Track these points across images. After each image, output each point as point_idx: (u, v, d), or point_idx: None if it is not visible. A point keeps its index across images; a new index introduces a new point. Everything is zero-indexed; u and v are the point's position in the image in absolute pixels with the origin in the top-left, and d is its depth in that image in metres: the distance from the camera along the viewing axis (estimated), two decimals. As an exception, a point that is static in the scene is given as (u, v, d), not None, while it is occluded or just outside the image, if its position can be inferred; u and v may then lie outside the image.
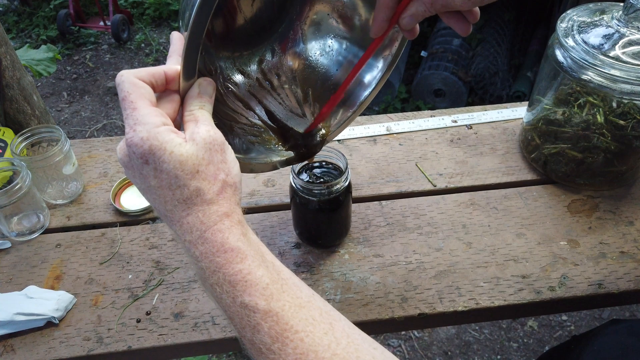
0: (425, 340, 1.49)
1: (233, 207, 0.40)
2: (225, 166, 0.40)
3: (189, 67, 0.41)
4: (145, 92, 0.40)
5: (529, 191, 0.77)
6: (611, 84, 0.66)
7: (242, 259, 0.38)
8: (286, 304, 0.37)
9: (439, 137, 0.87)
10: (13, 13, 3.18)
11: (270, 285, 0.37)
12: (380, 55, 0.60)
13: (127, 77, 0.40)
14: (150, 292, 0.66)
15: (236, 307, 0.37)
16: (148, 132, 0.38)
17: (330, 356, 0.35)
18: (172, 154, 0.38)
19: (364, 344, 0.37)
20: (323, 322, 0.37)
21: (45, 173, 0.74)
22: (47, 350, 0.61)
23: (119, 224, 0.75)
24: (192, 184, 0.38)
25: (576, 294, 0.64)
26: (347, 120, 0.62)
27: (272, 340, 0.36)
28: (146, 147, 0.37)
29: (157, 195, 0.39)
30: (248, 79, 0.57)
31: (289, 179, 0.74)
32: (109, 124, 2.44)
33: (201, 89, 0.43)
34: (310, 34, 0.60)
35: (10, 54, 0.99)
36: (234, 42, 0.54)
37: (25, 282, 0.68)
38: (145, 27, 3.10)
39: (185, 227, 0.39)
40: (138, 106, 0.39)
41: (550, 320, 1.54)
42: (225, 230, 0.38)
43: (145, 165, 0.38)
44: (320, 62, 0.62)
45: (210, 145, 0.39)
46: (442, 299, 0.64)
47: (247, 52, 0.56)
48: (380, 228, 0.73)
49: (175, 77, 0.42)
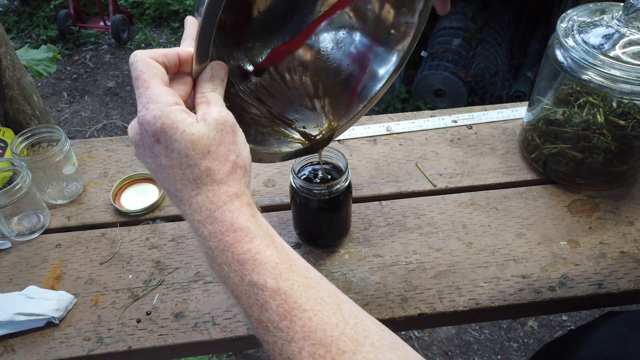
0: (425, 340, 1.49)
1: (243, 188, 0.40)
2: (236, 147, 0.40)
3: (202, 50, 0.41)
4: (158, 72, 0.40)
5: (529, 191, 0.77)
6: (611, 84, 0.66)
7: (251, 238, 0.38)
8: (295, 283, 0.37)
9: (439, 137, 0.87)
10: (13, 13, 3.18)
11: (279, 264, 0.37)
12: (393, 49, 0.60)
13: (141, 57, 0.40)
14: (150, 292, 0.66)
15: (244, 286, 0.37)
16: (160, 111, 0.38)
17: (338, 335, 0.35)
18: (183, 133, 0.38)
19: (371, 324, 0.37)
20: (331, 303, 0.37)
21: (45, 173, 0.74)
22: (47, 351, 0.61)
23: (119, 224, 0.75)
24: (203, 163, 0.38)
25: (576, 294, 0.64)
26: (357, 114, 0.62)
27: (280, 318, 0.36)
28: (158, 126, 0.38)
29: (167, 174, 0.39)
30: (260, 70, 0.57)
31: (289, 179, 0.74)
32: (109, 124, 2.44)
33: (214, 72, 0.43)
34: (322, 27, 0.60)
35: (10, 54, 0.99)
36: (247, 33, 0.54)
37: (26, 282, 0.68)
38: (145, 27, 3.10)
39: (195, 206, 0.39)
40: (151, 85, 0.39)
41: (550, 320, 1.54)
42: (234, 210, 0.38)
43: (157, 143, 0.38)
44: (332, 55, 0.61)
45: (222, 126, 0.39)
46: (442, 299, 0.64)
47: (260, 44, 0.56)
48: (380, 228, 0.73)
49: (188, 59, 0.42)
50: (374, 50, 0.61)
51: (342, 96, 0.62)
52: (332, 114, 0.61)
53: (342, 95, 0.62)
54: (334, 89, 0.61)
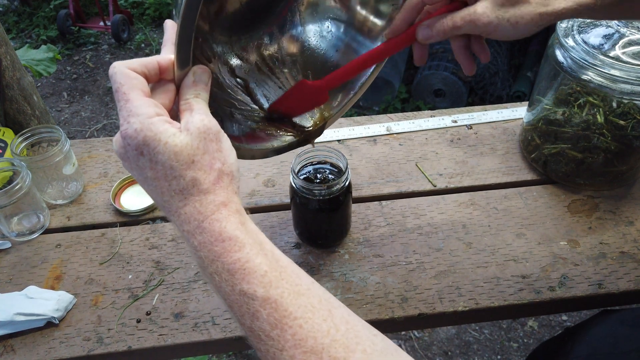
0: (425, 340, 1.49)
1: (230, 195, 0.40)
2: (221, 155, 0.40)
3: (183, 55, 0.41)
4: (138, 83, 0.39)
5: (529, 191, 0.77)
6: (611, 84, 0.66)
7: (240, 247, 0.37)
8: (285, 291, 0.37)
9: (439, 137, 0.87)
10: (13, 13, 3.18)
11: (269, 272, 0.37)
12: (379, 36, 0.59)
13: (119, 69, 0.39)
14: (150, 292, 0.66)
15: (235, 295, 0.37)
16: (141, 124, 0.37)
17: (329, 342, 0.35)
18: (166, 145, 0.37)
19: (363, 330, 0.37)
20: (322, 309, 0.37)
21: (45, 173, 0.74)
22: (47, 351, 0.61)
23: (119, 224, 0.75)
24: (188, 174, 0.38)
25: (576, 294, 0.64)
26: (347, 102, 0.61)
27: (270, 327, 0.36)
28: (140, 139, 0.37)
29: (153, 186, 0.39)
30: (247, 63, 0.56)
31: (289, 179, 0.74)
32: (109, 124, 2.44)
33: (196, 77, 0.43)
34: (307, 15, 0.60)
35: (10, 54, 0.99)
36: (231, 26, 0.53)
37: (25, 282, 0.68)
38: (145, 27, 3.10)
39: (183, 217, 0.39)
40: (131, 97, 0.39)
41: (550, 320, 1.54)
42: (222, 219, 0.38)
43: (141, 156, 0.38)
44: (319, 45, 0.61)
45: (205, 135, 0.39)
46: (442, 299, 0.64)
47: (245, 37, 0.55)
48: (380, 228, 0.73)
49: (169, 66, 0.42)
50: (359, 40, 0.61)
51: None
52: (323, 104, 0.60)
53: None
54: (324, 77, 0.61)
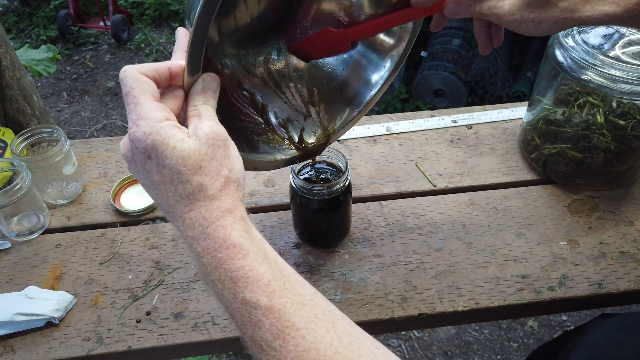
0: (425, 340, 1.49)
1: (236, 203, 0.40)
2: (228, 162, 0.40)
3: (194, 63, 0.41)
4: (149, 87, 0.40)
5: (529, 191, 0.77)
6: (611, 84, 0.66)
7: (244, 255, 0.37)
8: (288, 301, 0.36)
9: (439, 137, 0.87)
10: (13, 13, 3.18)
11: (273, 282, 0.37)
12: (387, 54, 0.60)
13: (130, 72, 0.40)
14: (150, 292, 0.66)
15: (237, 304, 0.37)
16: (151, 127, 0.38)
17: (332, 354, 0.35)
18: (174, 149, 0.38)
19: (366, 342, 0.37)
20: (325, 320, 0.37)
21: (45, 173, 0.74)
22: (47, 351, 0.61)
23: (119, 224, 0.75)
24: (195, 179, 0.38)
25: (576, 294, 0.64)
26: (352, 120, 0.62)
27: (273, 337, 0.35)
28: (149, 142, 0.37)
29: (159, 190, 0.39)
30: (254, 77, 0.57)
31: (289, 179, 0.74)
32: (109, 124, 2.44)
33: (205, 84, 0.43)
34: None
35: (10, 54, 0.99)
36: (240, 40, 0.54)
37: (25, 282, 0.68)
38: (145, 27, 3.10)
39: (188, 222, 0.38)
40: (141, 101, 0.39)
41: (550, 320, 1.54)
42: (227, 226, 0.38)
43: (148, 160, 0.38)
44: (327, 61, 0.61)
45: (213, 141, 0.39)
46: (442, 299, 0.64)
47: (253, 50, 0.56)
48: (380, 228, 0.73)
49: (180, 72, 0.42)
50: (368, 57, 0.61)
51: (338, 102, 0.62)
52: (327, 120, 0.61)
53: (337, 101, 0.62)
54: (329, 94, 0.61)
